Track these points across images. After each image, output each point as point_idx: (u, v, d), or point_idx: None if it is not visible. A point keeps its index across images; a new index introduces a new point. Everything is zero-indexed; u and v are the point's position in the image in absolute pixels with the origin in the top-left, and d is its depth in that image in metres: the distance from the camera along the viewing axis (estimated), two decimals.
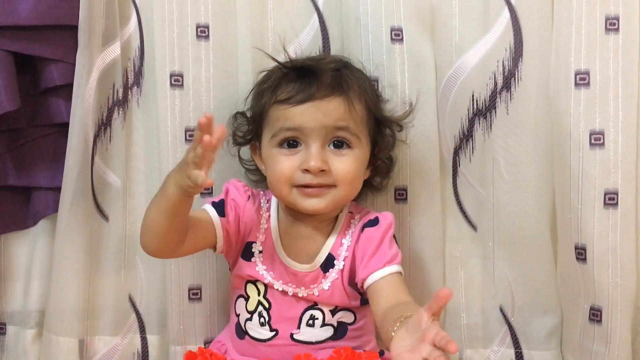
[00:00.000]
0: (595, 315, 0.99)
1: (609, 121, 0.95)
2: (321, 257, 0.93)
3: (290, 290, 0.93)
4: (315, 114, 0.87)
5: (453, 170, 1.05)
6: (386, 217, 0.94)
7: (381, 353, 0.96)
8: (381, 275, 0.88)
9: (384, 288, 0.87)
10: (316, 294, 0.92)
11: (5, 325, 1.10)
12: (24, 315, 1.09)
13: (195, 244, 0.91)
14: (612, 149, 0.95)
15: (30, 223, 1.09)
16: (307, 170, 0.88)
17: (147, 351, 1.09)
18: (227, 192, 0.94)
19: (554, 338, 1.05)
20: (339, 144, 0.89)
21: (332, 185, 0.89)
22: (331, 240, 0.94)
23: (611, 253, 0.96)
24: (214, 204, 0.93)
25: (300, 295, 0.92)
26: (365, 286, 0.89)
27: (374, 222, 0.93)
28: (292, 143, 0.90)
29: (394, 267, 0.89)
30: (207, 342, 1.05)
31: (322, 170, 0.88)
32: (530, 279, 1.04)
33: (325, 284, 0.92)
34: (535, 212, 1.02)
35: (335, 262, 0.93)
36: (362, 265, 0.90)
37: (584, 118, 0.96)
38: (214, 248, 0.94)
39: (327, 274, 0.93)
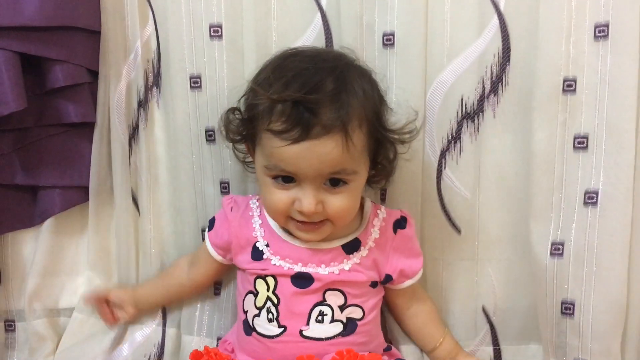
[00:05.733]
0: (568, 309, 1.02)
1: (594, 126, 0.98)
2: (346, 239, 0.94)
3: (311, 271, 0.92)
4: (310, 159, 0.83)
5: (437, 173, 1.05)
6: (410, 217, 0.99)
7: (388, 348, 1.01)
8: (416, 280, 1.00)
9: (414, 289, 1.02)
10: (336, 272, 0.92)
11: (14, 322, 1.11)
12: (33, 312, 1.10)
13: (209, 278, 1.07)
14: (595, 152, 0.98)
15: (37, 221, 1.09)
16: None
17: (164, 343, 1.11)
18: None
19: (534, 334, 1.07)
20: (335, 182, 0.88)
21: (327, 220, 0.90)
22: (362, 227, 0.96)
23: (588, 249, 1.00)
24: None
25: (321, 273, 0.92)
26: (399, 287, 1.00)
27: (404, 223, 0.98)
28: (286, 178, 0.88)
29: (421, 270, 1.00)
30: (220, 339, 1.07)
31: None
32: (513, 276, 1.06)
33: (347, 265, 0.93)
34: (520, 211, 1.03)
35: (361, 247, 0.95)
36: (398, 268, 0.97)
37: (570, 122, 0.99)
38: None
39: (350, 255, 0.94)
